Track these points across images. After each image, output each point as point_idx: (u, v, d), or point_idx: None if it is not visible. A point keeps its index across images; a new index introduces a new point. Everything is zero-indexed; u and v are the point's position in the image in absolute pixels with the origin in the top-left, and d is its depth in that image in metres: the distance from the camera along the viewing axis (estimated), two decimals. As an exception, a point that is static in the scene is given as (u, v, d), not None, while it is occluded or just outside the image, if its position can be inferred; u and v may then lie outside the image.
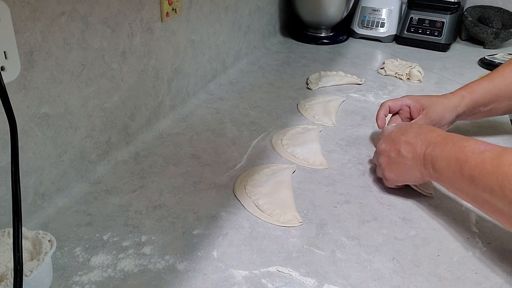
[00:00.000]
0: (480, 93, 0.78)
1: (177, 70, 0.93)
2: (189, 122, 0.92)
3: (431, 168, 0.61)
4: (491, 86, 0.78)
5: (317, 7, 1.39)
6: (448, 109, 0.77)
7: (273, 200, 0.68)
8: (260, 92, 1.07)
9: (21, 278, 0.40)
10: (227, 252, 0.59)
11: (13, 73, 0.55)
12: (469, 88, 0.79)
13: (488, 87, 0.78)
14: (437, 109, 0.77)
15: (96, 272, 0.55)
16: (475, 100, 0.78)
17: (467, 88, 0.79)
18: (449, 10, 1.36)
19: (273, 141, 0.86)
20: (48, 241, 0.53)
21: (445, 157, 0.59)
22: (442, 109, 0.77)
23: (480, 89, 0.78)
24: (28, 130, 0.61)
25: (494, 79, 0.78)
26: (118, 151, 0.79)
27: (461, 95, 0.78)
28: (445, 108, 0.77)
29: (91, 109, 0.71)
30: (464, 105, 0.78)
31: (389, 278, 0.56)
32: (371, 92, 1.09)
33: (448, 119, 0.78)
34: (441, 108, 0.77)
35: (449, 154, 0.59)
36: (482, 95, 0.78)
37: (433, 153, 0.61)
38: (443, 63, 1.29)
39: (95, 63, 0.70)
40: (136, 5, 0.76)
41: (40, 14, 0.58)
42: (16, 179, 0.39)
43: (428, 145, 0.62)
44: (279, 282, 0.55)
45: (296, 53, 1.34)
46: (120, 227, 0.63)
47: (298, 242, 0.62)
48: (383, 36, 1.45)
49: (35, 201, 0.64)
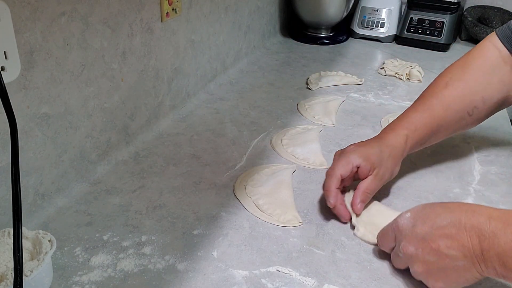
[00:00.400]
0: (422, 130, 0.68)
1: (177, 70, 0.93)
2: (189, 122, 0.92)
3: (500, 266, 0.45)
4: (431, 118, 0.69)
5: (317, 7, 1.39)
6: (396, 159, 0.67)
7: (273, 200, 0.68)
8: (260, 92, 1.07)
9: (21, 278, 0.40)
10: (227, 252, 0.59)
11: (13, 73, 0.55)
12: (411, 124, 0.68)
13: (428, 119, 0.69)
14: (388, 165, 0.66)
15: (96, 272, 0.55)
16: (417, 139, 0.69)
17: (407, 124, 0.68)
18: (449, 10, 1.36)
19: (273, 141, 0.86)
20: (48, 241, 0.53)
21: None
22: (392, 163, 0.66)
23: (421, 125, 0.68)
24: (28, 130, 0.61)
25: (432, 107, 0.69)
26: (118, 151, 0.79)
27: (405, 137, 0.67)
28: (394, 160, 0.66)
29: (91, 109, 0.71)
30: (408, 148, 0.68)
31: (389, 278, 0.56)
32: (371, 92, 1.09)
33: (396, 170, 0.68)
34: (391, 163, 0.66)
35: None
36: (424, 131, 0.69)
37: (497, 248, 0.45)
38: (443, 63, 1.29)
39: (95, 63, 0.70)
40: (136, 5, 0.76)
41: (40, 14, 0.58)
42: (16, 179, 0.39)
43: (481, 236, 0.46)
44: (279, 282, 0.55)
45: (296, 53, 1.34)
46: (120, 227, 0.63)
47: (298, 242, 0.62)
48: (383, 36, 1.44)
49: (35, 201, 0.64)
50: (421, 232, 0.51)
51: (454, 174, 0.77)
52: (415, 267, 0.52)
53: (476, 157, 0.82)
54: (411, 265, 0.53)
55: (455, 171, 0.78)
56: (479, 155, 0.83)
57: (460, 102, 0.70)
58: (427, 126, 0.69)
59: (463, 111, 0.70)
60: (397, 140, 0.67)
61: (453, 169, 0.78)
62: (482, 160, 0.81)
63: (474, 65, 0.71)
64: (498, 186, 0.75)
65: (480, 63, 0.71)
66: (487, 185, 0.75)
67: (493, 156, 0.83)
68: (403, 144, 0.67)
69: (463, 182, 0.75)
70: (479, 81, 0.70)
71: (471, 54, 0.73)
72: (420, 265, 0.51)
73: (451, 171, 0.77)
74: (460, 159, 0.77)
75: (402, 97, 1.07)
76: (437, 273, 0.50)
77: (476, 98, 0.70)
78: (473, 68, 0.71)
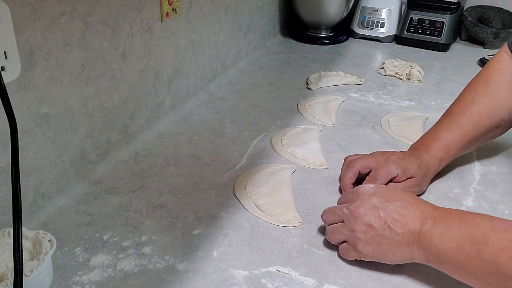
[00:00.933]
0: (454, 150, 0.71)
1: (177, 70, 0.93)
2: (189, 122, 0.92)
3: (429, 248, 0.51)
4: (462, 136, 0.71)
5: (317, 7, 1.39)
6: (427, 179, 0.71)
7: (273, 200, 0.68)
8: (260, 92, 1.07)
9: (21, 278, 0.40)
10: (227, 252, 0.59)
11: (13, 73, 0.55)
12: (444, 147, 0.71)
13: (459, 138, 0.71)
14: (419, 182, 0.69)
15: (96, 272, 0.55)
16: (449, 158, 0.72)
17: (441, 147, 0.71)
18: (449, 10, 1.36)
19: (273, 141, 0.86)
20: (48, 241, 0.53)
21: (452, 236, 0.49)
22: (424, 181, 0.70)
23: (454, 146, 0.71)
24: (28, 130, 0.61)
25: (462, 125, 0.71)
26: (118, 151, 0.79)
27: (439, 160, 0.71)
28: (425, 179, 0.70)
29: (91, 109, 0.71)
30: (440, 169, 0.72)
31: (389, 278, 0.56)
32: (371, 92, 1.09)
33: (423, 189, 0.72)
34: (423, 181, 0.70)
35: (458, 233, 0.48)
36: (455, 151, 0.72)
37: (433, 231, 0.50)
38: (443, 63, 1.29)
39: (95, 63, 0.70)
40: (136, 5, 0.76)
41: (40, 14, 0.58)
42: (16, 179, 0.39)
43: (424, 220, 0.52)
44: (279, 282, 0.55)
45: (296, 53, 1.34)
46: (120, 227, 0.63)
47: (298, 242, 0.62)
48: (383, 36, 1.44)
49: (35, 201, 0.64)
50: (376, 202, 0.55)
51: (454, 174, 0.77)
52: (357, 226, 0.55)
53: (476, 157, 0.82)
54: (354, 222, 0.55)
55: (455, 171, 0.78)
56: (479, 155, 0.83)
57: (487, 118, 0.72)
58: (459, 145, 0.72)
59: (491, 125, 0.72)
60: (432, 162, 0.70)
61: (453, 169, 0.78)
62: (482, 160, 0.81)
63: (495, 79, 0.73)
64: (498, 186, 0.75)
65: (501, 76, 0.73)
66: (487, 185, 0.75)
67: (493, 156, 0.83)
68: (436, 167, 0.71)
69: (463, 182, 0.75)
70: (503, 94, 0.72)
71: (490, 68, 0.74)
72: (363, 226, 0.54)
73: (451, 171, 0.77)
74: (460, 159, 0.77)
75: (402, 97, 1.07)
76: (372, 238, 0.54)
77: (502, 112, 0.72)
78: (495, 82, 0.73)
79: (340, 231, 0.57)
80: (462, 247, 0.48)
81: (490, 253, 0.45)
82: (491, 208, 0.69)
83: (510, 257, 0.44)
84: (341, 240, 0.58)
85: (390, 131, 0.91)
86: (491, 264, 0.45)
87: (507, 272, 0.44)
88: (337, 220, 0.59)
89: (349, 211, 0.56)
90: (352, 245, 0.56)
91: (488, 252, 0.46)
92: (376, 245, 0.54)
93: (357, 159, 0.71)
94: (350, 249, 0.57)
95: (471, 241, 0.47)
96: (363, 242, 0.55)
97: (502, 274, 0.44)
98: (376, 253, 0.55)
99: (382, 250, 0.54)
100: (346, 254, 0.58)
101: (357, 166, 0.70)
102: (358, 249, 0.55)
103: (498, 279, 0.45)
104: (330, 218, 0.60)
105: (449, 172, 0.77)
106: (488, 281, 0.46)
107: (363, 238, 0.55)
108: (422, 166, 0.69)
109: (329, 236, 0.60)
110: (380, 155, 0.70)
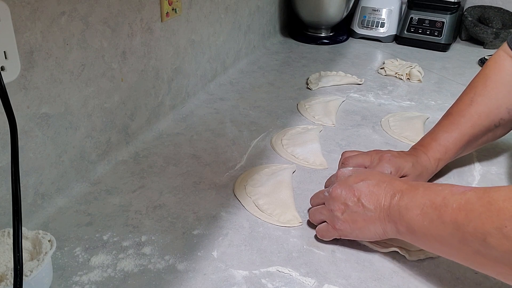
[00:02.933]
0: (453, 150, 0.71)
1: (177, 70, 0.93)
2: (189, 122, 0.92)
3: (399, 220, 0.52)
4: (461, 136, 0.71)
5: (317, 7, 1.39)
6: (424, 180, 0.71)
7: (273, 200, 0.68)
8: (260, 92, 1.07)
9: (21, 278, 0.40)
10: (227, 252, 0.59)
11: (13, 73, 0.55)
12: (442, 147, 0.71)
13: (458, 139, 0.71)
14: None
15: (96, 272, 0.55)
16: (448, 159, 0.72)
17: (439, 147, 0.71)
18: (449, 10, 1.36)
19: (273, 141, 0.86)
20: (48, 241, 0.52)
21: (417, 204, 0.51)
22: (422, 181, 0.70)
23: (452, 146, 0.71)
24: (28, 130, 0.61)
25: (461, 126, 0.71)
26: (118, 151, 0.79)
27: (437, 161, 0.71)
28: (421, 179, 0.70)
29: (91, 109, 0.71)
30: (438, 169, 0.72)
31: (389, 278, 0.56)
32: (371, 92, 1.09)
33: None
34: (422, 180, 0.70)
35: (422, 201, 0.50)
36: (454, 151, 0.72)
37: (401, 203, 0.53)
38: (443, 63, 1.29)
39: (95, 63, 0.70)
40: (136, 5, 0.76)
41: (40, 14, 0.58)
42: (16, 179, 0.39)
43: (393, 194, 0.54)
44: (279, 282, 0.55)
45: (296, 53, 1.34)
46: (120, 227, 0.63)
47: (298, 242, 0.62)
48: (383, 36, 1.45)
49: (35, 201, 0.64)
50: (351, 182, 0.58)
51: (454, 174, 0.77)
52: (335, 205, 0.58)
53: (476, 157, 0.82)
54: (332, 202, 0.59)
55: (455, 171, 0.78)
56: (479, 155, 0.83)
57: (486, 117, 0.71)
58: (457, 146, 0.71)
59: (490, 124, 0.72)
60: (430, 163, 0.70)
61: (453, 169, 0.78)
62: (482, 160, 0.82)
63: (494, 78, 0.73)
64: (498, 186, 0.75)
65: (499, 75, 0.73)
66: (487, 185, 0.75)
67: (493, 156, 0.83)
68: (434, 167, 0.71)
69: (463, 182, 0.75)
70: (502, 93, 0.72)
71: (488, 67, 0.74)
72: (341, 206, 0.58)
73: (451, 171, 0.77)
74: (460, 160, 0.77)
75: (402, 97, 1.07)
76: (348, 216, 0.57)
77: (501, 110, 0.72)
78: (494, 81, 0.72)
79: (321, 212, 0.61)
80: (426, 213, 0.49)
81: (449, 214, 0.47)
82: (491, 208, 0.69)
83: (466, 214, 0.45)
84: (321, 220, 0.61)
85: (390, 131, 0.91)
86: (451, 224, 0.46)
87: (465, 229, 0.45)
88: (320, 203, 0.62)
89: (329, 193, 0.60)
90: (331, 224, 0.59)
91: (447, 214, 0.47)
92: (352, 222, 0.57)
93: (352, 157, 0.72)
94: (330, 229, 0.60)
95: (433, 206, 0.49)
96: (340, 220, 0.58)
97: (461, 232, 0.45)
98: (354, 231, 0.57)
99: (358, 227, 0.57)
100: (325, 234, 0.61)
101: (352, 165, 0.70)
102: (336, 227, 0.58)
103: (458, 239, 0.46)
104: (315, 201, 0.65)
105: (449, 172, 0.77)
106: (452, 244, 0.47)
107: (340, 216, 0.58)
108: (417, 165, 0.69)
109: (311, 217, 0.63)
110: (375, 154, 0.70)
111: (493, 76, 0.73)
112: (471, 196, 0.46)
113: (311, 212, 0.63)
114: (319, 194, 0.64)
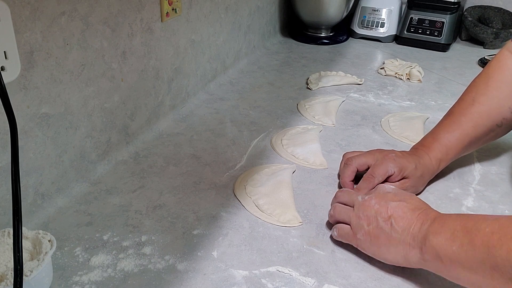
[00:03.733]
0: (454, 150, 0.71)
1: (177, 70, 0.93)
2: (189, 122, 0.92)
3: (426, 246, 0.50)
4: (462, 136, 0.71)
5: (317, 7, 1.39)
6: (425, 180, 0.71)
7: (273, 200, 0.68)
8: (260, 92, 1.07)
9: (21, 278, 0.40)
10: (227, 252, 0.59)
11: (13, 73, 0.55)
12: (443, 147, 0.71)
13: (460, 139, 0.71)
14: (415, 183, 0.69)
15: (96, 272, 0.55)
16: (449, 159, 0.72)
17: (440, 147, 0.71)
18: (449, 10, 1.36)
19: (273, 141, 0.86)
20: (48, 241, 0.52)
21: (447, 229, 0.49)
22: (420, 182, 0.70)
23: (454, 146, 0.71)
24: (28, 130, 0.61)
25: (462, 125, 0.71)
26: (118, 151, 0.79)
27: (438, 161, 0.71)
28: (423, 180, 0.70)
29: (91, 109, 0.71)
30: (439, 169, 0.72)
31: (389, 278, 0.56)
32: (371, 92, 1.09)
33: (420, 189, 0.72)
34: (420, 181, 0.70)
35: (453, 225, 0.49)
36: (456, 151, 0.71)
37: (431, 228, 0.51)
38: (443, 63, 1.29)
39: (95, 63, 0.70)
40: (136, 5, 0.76)
41: (40, 14, 0.58)
42: (16, 179, 0.39)
43: (424, 221, 0.52)
44: (279, 282, 0.55)
45: (296, 53, 1.34)
46: (120, 227, 0.63)
47: (298, 242, 0.62)
48: (383, 36, 1.44)
49: (35, 201, 0.64)
50: (389, 199, 0.57)
51: (454, 174, 0.77)
52: (365, 214, 0.57)
53: (477, 157, 0.82)
54: (363, 210, 0.57)
55: (455, 172, 0.78)
56: (480, 155, 0.83)
57: (488, 117, 0.71)
58: (459, 146, 0.71)
59: (492, 124, 0.71)
60: (431, 163, 0.70)
61: (453, 169, 0.78)
62: (482, 160, 0.81)
63: (496, 78, 0.72)
64: (498, 186, 0.75)
65: (502, 74, 0.72)
66: (487, 185, 0.75)
67: (493, 156, 0.83)
68: (436, 167, 0.71)
69: (463, 182, 0.75)
70: (504, 93, 0.71)
71: (491, 66, 0.73)
72: (369, 217, 0.56)
73: (451, 172, 0.77)
74: (460, 159, 0.77)
75: (402, 97, 1.07)
76: (373, 229, 0.56)
77: (503, 110, 0.71)
78: (496, 80, 0.72)
79: (348, 213, 0.59)
80: (456, 237, 0.48)
81: (481, 238, 0.45)
82: (491, 208, 0.69)
83: (500, 237, 0.43)
84: (343, 220, 0.60)
85: (390, 131, 0.91)
86: (483, 248, 0.45)
87: (497, 253, 0.43)
88: (348, 203, 0.61)
89: (363, 199, 0.58)
90: (354, 230, 0.58)
91: (479, 237, 0.45)
92: (375, 238, 0.55)
93: (355, 156, 0.71)
94: (350, 234, 0.58)
95: (464, 230, 0.47)
96: (364, 230, 0.56)
97: (493, 257, 0.43)
98: (372, 246, 0.56)
99: (378, 244, 0.55)
100: (343, 236, 0.59)
101: (355, 164, 0.70)
102: (357, 236, 0.57)
103: (490, 265, 0.44)
104: (343, 198, 0.62)
105: (449, 172, 0.77)
106: (482, 271, 0.45)
107: (365, 227, 0.56)
108: (419, 167, 0.68)
109: (335, 211, 0.61)
110: (378, 153, 0.70)
111: (495, 76, 0.72)
112: (505, 221, 0.45)
113: (338, 208, 0.61)
114: (351, 194, 0.62)
